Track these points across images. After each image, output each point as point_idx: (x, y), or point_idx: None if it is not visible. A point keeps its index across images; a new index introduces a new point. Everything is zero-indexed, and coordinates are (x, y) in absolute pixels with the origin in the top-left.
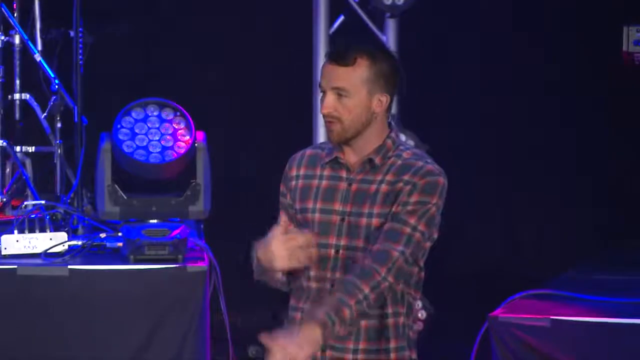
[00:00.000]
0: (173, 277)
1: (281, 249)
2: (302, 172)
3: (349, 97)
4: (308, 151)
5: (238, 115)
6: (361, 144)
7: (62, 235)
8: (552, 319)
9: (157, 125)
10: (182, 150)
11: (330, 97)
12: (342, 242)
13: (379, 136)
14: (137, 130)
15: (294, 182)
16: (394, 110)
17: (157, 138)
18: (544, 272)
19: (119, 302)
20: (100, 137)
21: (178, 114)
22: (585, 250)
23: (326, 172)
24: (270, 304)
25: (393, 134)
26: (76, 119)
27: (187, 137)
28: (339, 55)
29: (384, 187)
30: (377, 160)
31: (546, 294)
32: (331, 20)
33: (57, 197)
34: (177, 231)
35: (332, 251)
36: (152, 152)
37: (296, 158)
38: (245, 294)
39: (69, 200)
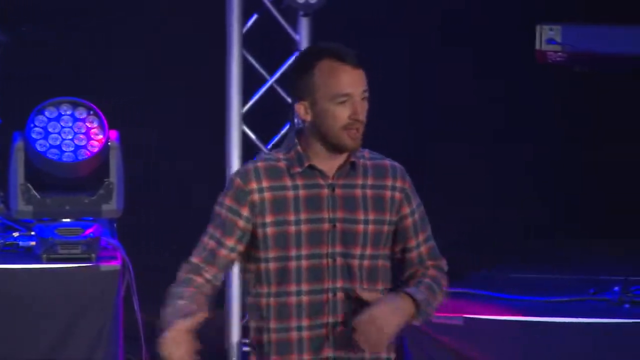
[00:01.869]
0: (86, 276)
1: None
2: (265, 184)
3: (367, 97)
4: (259, 164)
5: (152, 114)
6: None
7: None
8: (466, 317)
9: (70, 124)
10: (95, 149)
11: (364, 103)
12: (338, 250)
13: None
14: (50, 129)
15: (256, 196)
16: None
17: (70, 137)
18: (458, 271)
19: (32, 302)
20: (13, 136)
21: (91, 112)
22: (500, 249)
23: (299, 182)
24: None
25: None
26: None
27: (100, 136)
28: (356, 58)
29: (369, 191)
30: (357, 162)
31: (460, 292)
32: (244, 19)
33: None
34: (90, 230)
35: (329, 260)
36: (65, 151)
37: (249, 171)
38: (158, 293)
39: None
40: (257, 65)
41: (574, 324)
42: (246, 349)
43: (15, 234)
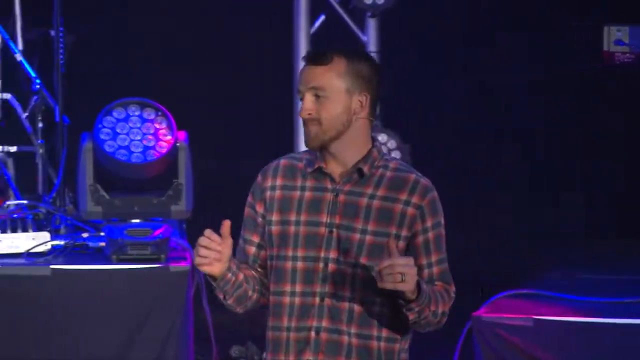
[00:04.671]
0: (155, 276)
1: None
2: (278, 182)
3: (326, 96)
4: (282, 161)
5: (220, 115)
6: (342, 150)
7: (45, 235)
8: (536, 318)
9: (138, 125)
10: (164, 150)
11: (308, 99)
12: (331, 255)
13: (363, 144)
14: (118, 130)
15: (269, 193)
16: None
17: (139, 138)
18: (527, 272)
19: (102, 302)
20: (81, 137)
21: (159, 113)
22: (569, 250)
23: (309, 183)
24: None
25: (378, 144)
26: (57, 119)
27: (169, 137)
28: (315, 55)
29: (376, 202)
30: (365, 170)
31: (529, 293)
32: (312, 20)
33: (39, 196)
34: (160, 231)
35: (321, 264)
36: (133, 152)
37: (270, 169)
38: None
39: (51, 200)
40: None
41: None
42: None
43: (85, 235)
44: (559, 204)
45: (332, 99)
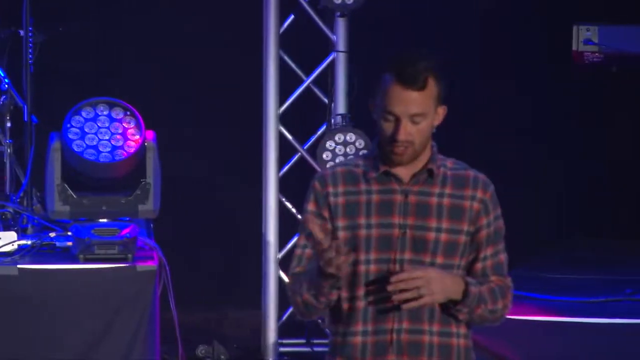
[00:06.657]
0: (123, 276)
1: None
2: (340, 189)
3: (423, 119)
4: (339, 169)
5: (188, 114)
6: (419, 158)
7: (12, 235)
8: None
9: (107, 125)
10: (132, 150)
11: (407, 125)
12: (406, 257)
13: (429, 146)
14: (87, 130)
15: (332, 199)
16: (343, 110)
17: (107, 137)
18: None
19: (69, 302)
20: (50, 137)
21: (128, 113)
22: (534, 249)
23: (374, 187)
24: (219, 304)
25: (434, 142)
26: (26, 118)
27: (137, 137)
28: (413, 79)
29: (446, 200)
30: (435, 170)
31: None
32: (281, 20)
33: (7, 196)
34: (127, 230)
35: (397, 266)
36: (102, 152)
37: (327, 176)
38: (194, 294)
39: (18, 200)
40: (293, 66)
41: (610, 324)
42: (282, 349)
43: (52, 234)
44: (532, 202)
45: (426, 122)
